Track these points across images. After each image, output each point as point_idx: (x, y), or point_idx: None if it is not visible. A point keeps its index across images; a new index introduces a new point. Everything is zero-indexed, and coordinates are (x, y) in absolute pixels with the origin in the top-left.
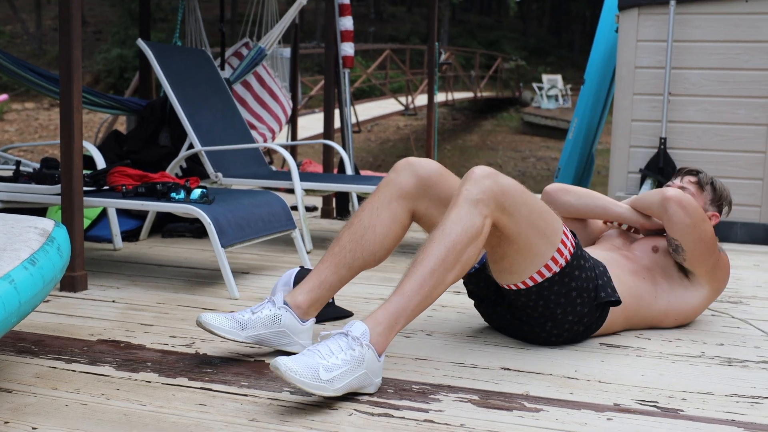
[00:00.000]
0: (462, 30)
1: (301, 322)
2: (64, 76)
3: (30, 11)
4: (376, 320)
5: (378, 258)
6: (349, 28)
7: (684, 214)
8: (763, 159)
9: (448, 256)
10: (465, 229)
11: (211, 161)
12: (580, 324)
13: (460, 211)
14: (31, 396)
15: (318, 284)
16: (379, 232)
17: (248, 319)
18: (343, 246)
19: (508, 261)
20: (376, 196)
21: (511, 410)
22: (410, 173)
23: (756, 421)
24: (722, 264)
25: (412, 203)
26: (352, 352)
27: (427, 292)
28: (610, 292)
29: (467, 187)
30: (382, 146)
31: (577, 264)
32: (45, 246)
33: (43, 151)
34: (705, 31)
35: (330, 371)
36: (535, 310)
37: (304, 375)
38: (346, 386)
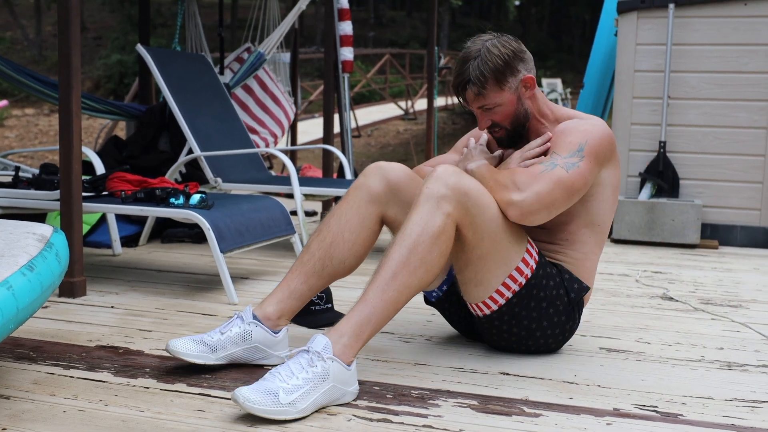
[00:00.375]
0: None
1: (273, 333)
2: (63, 82)
3: (30, 17)
4: (339, 332)
5: (348, 266)
6: (349, 32)
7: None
8: (763, 162)
9: (410, 259)
10: (426, 228)
11: (210, 166)
12: (563, 331)
13: (422, 210)
14: (29, 402)
15: (288, 294)
16: (348, 238)
17: (217, 341)
18: (312, 254)
19: (472, 269)
20: (345, 202)
21: (511, 415)
22: (380, 177)
23: (756, 425)
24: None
25: (381, 208)
26: (314, 369)
27: (392, 297)
28: (577, 287)
29: (429, 185)
30: (382, 151)
31: (543, 272)
32: (43, 252)
33: (43, 156)
34: (704, 35)
35: (290, 393)
36: (511, 333)
37: (263, 403)
38: (312, 405)
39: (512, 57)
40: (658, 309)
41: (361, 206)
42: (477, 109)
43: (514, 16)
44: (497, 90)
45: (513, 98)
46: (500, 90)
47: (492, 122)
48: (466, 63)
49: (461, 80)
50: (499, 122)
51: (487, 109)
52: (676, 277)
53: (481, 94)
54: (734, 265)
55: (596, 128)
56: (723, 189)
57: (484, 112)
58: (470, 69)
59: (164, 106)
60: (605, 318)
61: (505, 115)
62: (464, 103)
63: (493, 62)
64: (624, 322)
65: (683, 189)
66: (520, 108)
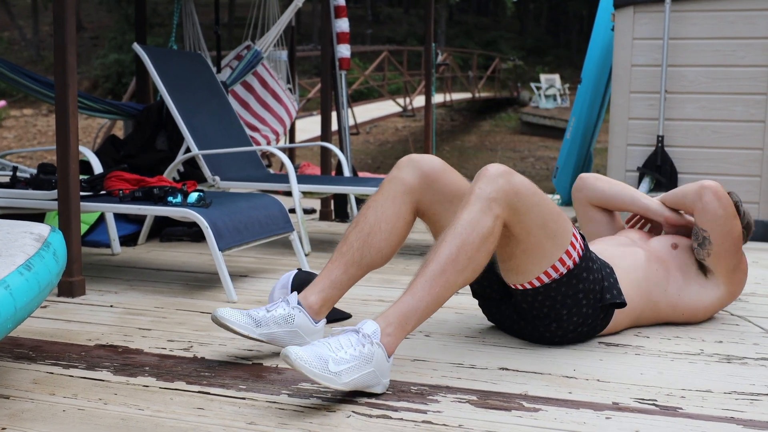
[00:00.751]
0: (459, 31)
1: (313, 322)
2: (59, 82)
3: (27, 17)
4: (387, 320)
5: (385, 256)
6: (345, 30)
7: (719, 205)
8: (761, 156)
9: (459, 257)
10: (477, 229)
11: (208, 165)
12: (584, 325)
13: (472, 209)
14: (28, 402)
15: (329, 284)
16: (385, 229)
17: (263, 317)
18: (351, 245)
19: (515, 261)
20: (380, 194)
21: (510, 410)
22: (413, 169)
23: (755, 418)
24: (742, 267)
25: (415, 199)
26: (361, 349)
27: (438, 293)
28: (616, 294)
29: (480, 186)
30: (381, 148)
31: (585, 266)
32: (41, 251)
33: (41, 156)
34: (701, 29)
35: (339, 364)
36: (541, 311)
37: (313, 365)
38: (353, 382)
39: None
40: None
41: (396, 198)
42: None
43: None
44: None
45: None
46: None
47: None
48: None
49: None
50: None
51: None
52: None
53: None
54: None
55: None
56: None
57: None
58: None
59: (161, 105)
60: None
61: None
62: None
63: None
64: None
65: (681, 183)
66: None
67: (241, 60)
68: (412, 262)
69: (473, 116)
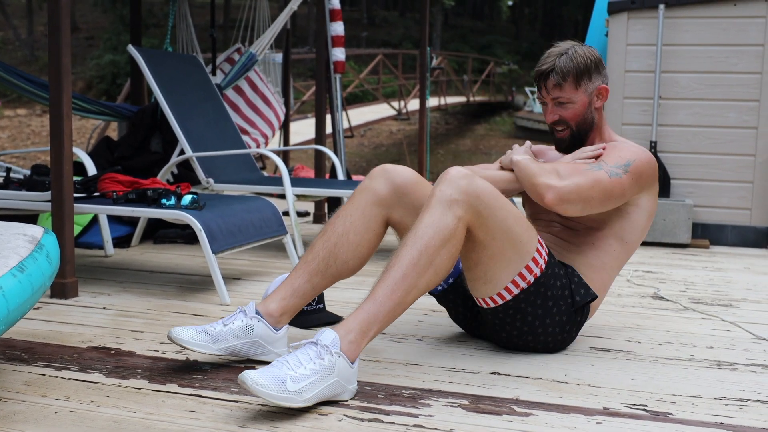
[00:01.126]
0: (454, 35)
1: (274, 330)
2: (53, 83)
3: (22, 17)
4: (347, 328)
5: (352, 267)
6: (340, 33)
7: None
8: (753, 162)
9: (420, 260)
10: (437, 230)
11: (202, 167)
12: (563, 332)
13: (433, 212)
14: (20, 404)
15: (291, 292)
16: (353, 240)
17: (219, 332)
18: (316, 254)
19: (481, 268)
20: (350, 203)
21: (501, 414)
22: (385, 180)
23: (744, 423)
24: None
25: (386, 210)
26: (321, 362)
27: (400, 297)
28: (584, 292)
29: (441, 188)
30: (376, 151)
31: (552, 272)
32: (34, 253)
33: (35, 157)
34: (694, 35)
35: (298, 382)
36: (514, 326)
37: (271, 387)
38: (316, 396)
39: (595, 64)
40: (648, 308)
41: (366, 208)
42: (551, 100)
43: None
44: (574, 87)
45: (585, 101)
46: (576, 89)
47: (559, 117)
48: (553, 56)
49: (545, 69)
50: (566, 119)
51: (560, 103)
52: (667, 276)
53: (560, 86)
54: (725, 265)
55: (645, 153)
56: (714, 189)
57: (555, 105)
58: (556, 61)
59: (156, 107)
60: (596, 318)
61: (574, 115)
62: (541, 92)
63: (576, 61)
64: (615, 321)
65: (674, 189)
66: (589, 113)
67: (235, 63)
68: None
69: (468, 120)
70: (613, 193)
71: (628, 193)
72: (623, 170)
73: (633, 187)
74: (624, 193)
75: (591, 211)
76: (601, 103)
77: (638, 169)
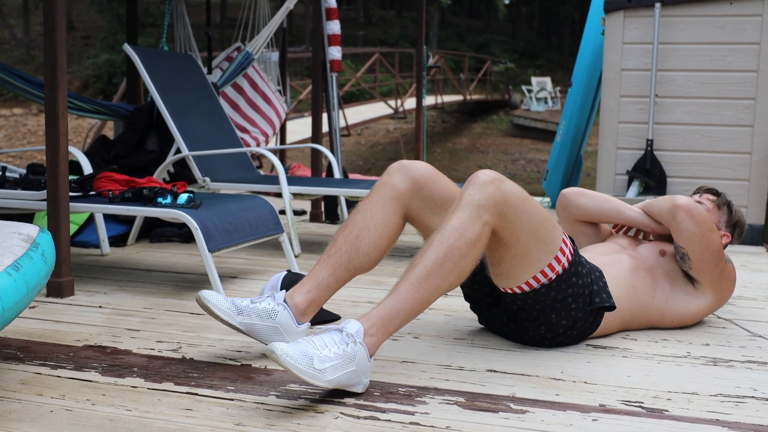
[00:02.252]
0: (451, 33)
1: (296, 323)
2: (49, 82)
3: (18, 17)
4: (370, 321)
5: (372, 260)
6: (337, 32)
7: (692, 224)
8: (749, 160)
9: (445, 262)
10: (464, 235)
11: (198, 166)
12: (574, 328)
13: (461, 216)
14: (15, 402)
15: (316, 285)
16: (374, 233)
17: (246, 306)
18: (339, 247)
19: (505, 266)
20: (370, 198)
21: (497, 412)
22: (404, 175)
23: (740, 420)
24: (728, 275)
25: (405, 205)
26: (345, 347)
27: (423, 297)
28: (605, 297)
29: (470, 192)
30: (372, 149)
31: (575, 271)
32: (29, 252)
33: (31, 156)
34: (690, 33)
35: (323, 362)
36: (530, 314)
37: (299, 361)
38: (336, 380)
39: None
40: None
41: (386, 203)
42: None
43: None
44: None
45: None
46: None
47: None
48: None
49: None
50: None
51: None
52: None
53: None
54: None
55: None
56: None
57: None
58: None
59: (152, 105)
60: None
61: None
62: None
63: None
64: None
65: (670, 187)
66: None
67: (232, 61)
68: (401, 264)
69: (464, 118)
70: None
71: (716, 268)
72: (728, 260)
73: (720, 266)
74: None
75: (696, 247)
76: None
77: (730, 274)
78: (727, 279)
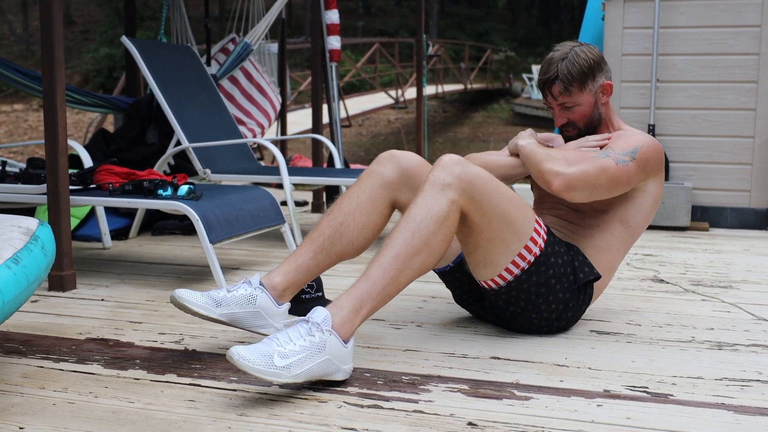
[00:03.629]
0: (451, 22)
1: (276, 304)
2: (46, 75)
3: (17, 12)
4: (339, 306)
5: (356, 247)
6: (335, 21)
7: (584, 193)
8: (752, 144)
9: (413, 241)
10: (430, 212)
11: (199, 158)
12: (567, 310)
13: (426, 195)
14: (18, 396)
15: (295, 267)
16: (359, 220)
17: (223, 297)
18: (322, 231)
19: (481, 252)
20: (357, 186)
21: (501, 399)
22: (393, 164)
23: (746, 404)
24: (645, 162)
25: (393, 194)
26: (311, 338)
27: (393, 277)
28: (588, 271)
29: (435, 173)
30: (374, 140)
31: (552, 250)
32: (29, 245)
33: (32, 151)
34: (691, 17)
35: (286, 357)
36: (518, 305)
37: (257, 362)
38: (306, 372)
39: (597, 63)
40: (648, 291)
41: (374, 191)
42: (557, 105)
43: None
44: (579, 90)
45: (591, 101)
46: (581, 91)
47: (567, 120)
48: (555, 62)
49: (550, 77)
50: (574, 121)
51: (567, 107)
52: (667, 259)
53: (567, 92)
54: (725, 247)
55: (652, 141)
56: (713, 171)
57: (563, 110)
58: (559, 67)
59: (151, 98)
60: (596, 301)
61: (581, 116)
62: (547, 99)
63: (579, 65)
64: (615, 305)
65: (673, 172)
66: (595, 111)
67: (230, 53)
68: None
69: (465, 107)
70: (620, 180)
71: (635, 180)
72: (630, 157)
73: (639, 174)
74: (630, 180)
75: (597, 197)
76: (606, 99)
77: (645, 156)
78: (645, 167)
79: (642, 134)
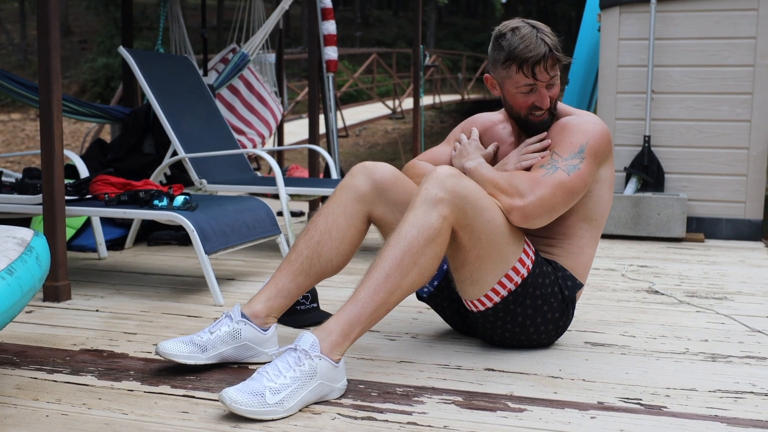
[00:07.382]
0: (448, 33)
1: (262, 332)
2: (42, 85)
3: (15, 22)
4: (327, 330)
5: (335, 264)
6: (332, 32)
7: (541, 218)
8: (747, 155)
9: (404, 260)
10: (421, 230)
11: (195, 168)
12: (556, 327)
13: (418, 211)
14: (11, 407)
15: (276, 292)
16: (335, 237)
17: (207, 340)
18: (300, 252)
19: (468, 269)
20: (331, 201)
21: (495, 411)
22: (365, 177)
23: (739, 416)
24: (593, 153)
25: (368, 207)
26: (301, 368)
27: (383, 299)
28: (571, 284)
29: (426, 187)
30: (371, 150)
31: (540, 271)
32: (23, 256)
33: (29, 161)
34: (686, 29)
35: (277, 393)
36: (504, 328)
37: (249, 404)
38: (299, 402)
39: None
40: (643, 303)
41: (348, 205)
42: (547, 82)
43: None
44: (559, 65)
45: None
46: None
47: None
48: (536, 37)
49: (543, 52)
50: (552, 100)
51: (550, 85)
52: (662, 270)
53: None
54: (720, 258)
55: (596, 127)
56: (708, 182)
57: (546, 87)
58: (545, 41)
59: (148, 108)
60: (591, 313)
61: (555, 93)
62: (538, 77)
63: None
64: (609, 316)
65: (668, 183)
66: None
67: (228, 63)
68: None
69: (463, 118)
70: (576, 189)
71: (590, 179)
72: (579, 159)
73: (593, 171)
74: (587, 182)
75: (558, 214)
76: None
77: (593, 150)
78: (596, 160)
79: (584, 123)
